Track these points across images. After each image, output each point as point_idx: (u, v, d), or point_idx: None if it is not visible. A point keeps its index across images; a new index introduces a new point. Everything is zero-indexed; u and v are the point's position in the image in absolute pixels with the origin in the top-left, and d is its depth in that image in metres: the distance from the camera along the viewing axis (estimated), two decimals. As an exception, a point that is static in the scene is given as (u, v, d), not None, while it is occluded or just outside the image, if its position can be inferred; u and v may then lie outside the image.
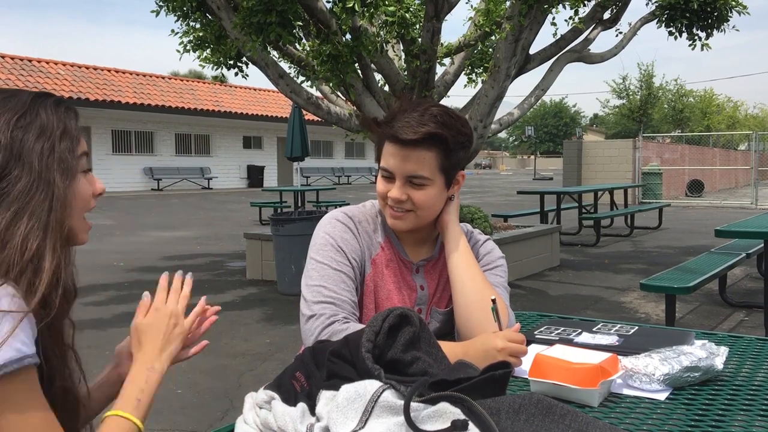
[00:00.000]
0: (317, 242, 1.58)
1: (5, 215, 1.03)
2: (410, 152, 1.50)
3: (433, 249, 1.67)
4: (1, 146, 1.04)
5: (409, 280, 1.63)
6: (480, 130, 6.40)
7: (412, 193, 1.54)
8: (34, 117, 1.09)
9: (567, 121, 65.57)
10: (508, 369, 1.04)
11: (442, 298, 1.67)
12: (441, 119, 1.51)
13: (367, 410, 0.88)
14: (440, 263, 1.67)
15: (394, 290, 1.61)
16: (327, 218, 1.63)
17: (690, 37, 7.88)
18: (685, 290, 4.52)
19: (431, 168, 1.52)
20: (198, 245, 10.68)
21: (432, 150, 1.51)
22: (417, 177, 1.52)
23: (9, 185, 1.04)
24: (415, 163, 1.51)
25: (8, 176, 1.05)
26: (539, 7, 5.82)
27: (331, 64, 6.11)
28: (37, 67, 22.57)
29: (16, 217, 1.04)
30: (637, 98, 36.61)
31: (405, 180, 1.53)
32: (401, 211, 1.56)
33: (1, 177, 1.04)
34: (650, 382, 1.29)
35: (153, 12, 7.09)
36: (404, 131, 1.49)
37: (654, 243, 10.76)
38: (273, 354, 4.74)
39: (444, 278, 1.67)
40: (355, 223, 1.62)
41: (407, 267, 1.64)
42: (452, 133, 1.52)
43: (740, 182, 28.46)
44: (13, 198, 1.04)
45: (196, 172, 27.57)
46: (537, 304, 6.12)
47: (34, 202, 1.06)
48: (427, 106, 1.53)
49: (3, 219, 1.03)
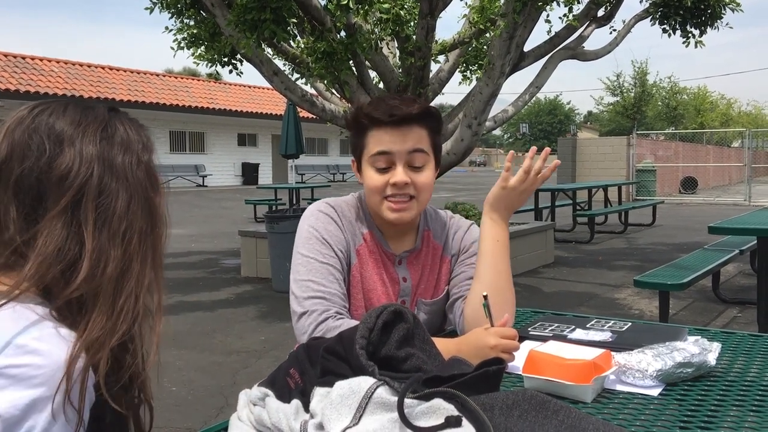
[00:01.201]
0: (302, 236, 1.58)
1: (117, 241, 0.94)
2: (408, 129, 1.53)
3: (414, 241, 1.67)
4: (93, 158, 0.97)
5: (392, 272, 1.63)
6: (474, 128, 6.40)
7: (414, 177, 1.55)
8: (114, 131, 1.02)
9: (561, 119, 65.61)
10: (501, 365, 1.04)
11: (427, 288, 1.67)
12: (419, 101, 1.58)
13: (360, 407, 0.88)
14: (422, 254, 1.67)
15: (377, 282, 1.61)
16: (310, 210, 1.62)
17: (684, 34, 7.90)
18: (678, 287, 4.54)
19: (428, 144, 1.56)
20: (193, 243, 10.66)
21: (424, 127, 1.55)
22: (419, 151, 1.54)
23: (110, 201, 0.96)
24: (415, 139, 1.54)
25: (106, 191, 0.96)
26: (533, 5, 5.82)
27: (326, 62, 6.10)
28: (31, 65, 22.45)
29: (126, 243, 0.95)
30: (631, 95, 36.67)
31: (405, 161, 1.54)
32: (405, 199, 1.55)
33: (100, 192, 0.96)
34: (643, 377, 1.30)
35: (147, 9, 7.06)
36: (403, 108, 1.52)
37: (648, 240, 10.79)
38: (267, 351, 4.73)
39: (427, 269, 1.67)
40: (338, 213, 1.61)
41: (390, 259, 1.64)
42: (435, 117, 1.59)
43: (733, 179, 28.55)
44: (118, 216, 0.96)
45: (191, 170, 27.49)
46: (531, 301, 6.13)
47: (137, 221, 0.98)
48: (401, 95, 1.62)
49: (114, 245, 0.94)
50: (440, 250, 1.70)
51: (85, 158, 0.96)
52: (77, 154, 0.96)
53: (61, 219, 0.93)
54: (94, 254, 0.92)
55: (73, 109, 1.02)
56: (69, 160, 0.95)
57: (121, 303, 0.93)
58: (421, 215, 1.70)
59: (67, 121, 0.99)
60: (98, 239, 0.93)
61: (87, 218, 0.93)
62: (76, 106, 1.03)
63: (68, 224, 0.93)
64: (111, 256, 0.94)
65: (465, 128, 6.41)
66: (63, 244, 0.92)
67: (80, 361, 0.86)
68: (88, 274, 0.91)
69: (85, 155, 0.96)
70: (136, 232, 0.97)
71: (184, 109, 25.63)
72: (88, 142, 0.98)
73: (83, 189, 0.95)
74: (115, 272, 0.93)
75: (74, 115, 1.00)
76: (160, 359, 1.05)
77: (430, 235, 1.70)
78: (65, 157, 0.95)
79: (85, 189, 0.95)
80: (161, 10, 6.97)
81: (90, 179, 0.95)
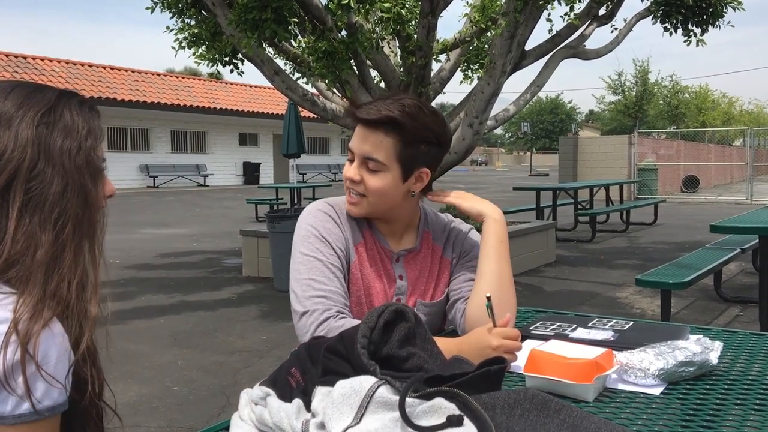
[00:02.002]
0: (301, 234, 1.58)
1: (48, 227, 0.94)
2: (370, 133, 1.52)
3: (414, 240, 1.68)
4: (28, 142, 0.96)
5: (389, 270, 1.64)
6: (476, 127, 6.40)
7: (366, 177, 1.54)
8: (59, 116, 1.01)
9: (563, 118, 65.53)
10: (503, 364, 1.04)
11: (427, 290, 1.67)
12: (408, 110, 1.50)
13: (362, 406, 0.88)
14: (421, 255, 1.67)
15: (375, 279, 1.61)
16: (308, 209, 1.63)
17: (685, 32, 7.89)
18: (680, 285, 4.53)
19: (387, 154, 1.52)
20: (194, 242, 10.66)
21: (390, 136, 1.51)
22: (371, 159, 1.53)
23: (43, 187, 0.96)
24: (371, 145, 1.52)
25: (39, 176, 0.96)
26: (535, 4, 5.81)
27: (327, 61, 6.10)
28: (32, 65, 22.48)
29: (59, 229, 0.95)
30: (632, 94, 36.68)
31: (361, 161, 1.54)
32: (356, 195, 1.57)
33: (31, 176, 0.95)
34: (645, 377, 1.29)
35: (148, 9, 7.06)
36: (366, 111, 1.51)
37: (649, 239, 10.78)
38: (269, 351, 4.74)
39: (426, 271, 1.67)
40: (336, 212, 1.62)
41: (387, 256, 1.64)
42: (415, 124, 1.51)
43: (735, 178, 28.52)
44: (51, 203, 0.95)
45: (192, 170, 27.51)
46: (532, 300, 6.12)
47: (71, 208, 0.97)
48: (402, 97, 1.54)
49: (46, 230, 0.94)
50: (440, 252, 1.70)
51: (19, 142, 0.96)
52: (12, 137, 0.95)
53: None
54: (19, 237, 0.92)
55: (20, 91, 1.01)
56: (3, 143, 0.95)
57: (53, 288, 0.94)
58: (421, 216, 1.70)
59: (10, 103, 0.98)
60: (27, 224, 0.93)
61: (14, 201, 0.93)
62: (24, 87, 1.02)
63: (1, 207, 0.94)
64: (41, 241, 0.94)
65: (466, 127, 6.41)
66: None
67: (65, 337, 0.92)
68: (10, 256, 0.92)
69: (20, 139, 0.96)
70: (70, 219, 0.97)
71: (185, 109, 25.65)
72: (26, 126, 0.97)
73: (15, 173, 0.94)
74: (45, 257, 0.93)
75: (18, 97, 1.00)
76: (108, 348, 1.08)
77: (430, 237, 1.70)
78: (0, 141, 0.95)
79: (17, 173, 0.94)
80: (162, 10, 6.97)
81: (22, 163, 0.95)
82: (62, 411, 0.94)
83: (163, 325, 5.49)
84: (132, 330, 5.27)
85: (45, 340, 0.90)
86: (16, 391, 0.88)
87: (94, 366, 1.04)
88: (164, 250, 9.81)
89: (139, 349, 4.79)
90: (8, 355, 0.88)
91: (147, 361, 4.53)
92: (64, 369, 0.93)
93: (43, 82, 1.08)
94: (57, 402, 0.92)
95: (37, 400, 0.89)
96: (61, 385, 0.92)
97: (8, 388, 0.87)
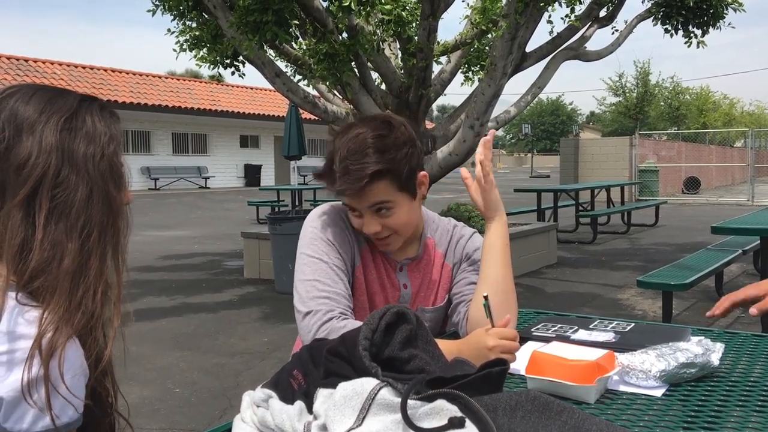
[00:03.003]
0: (307, 237, 1.58)
1: (74, 235, 0.92)
2: (363, 192, 1.49)
3: (417, 249, 1.68)
4: (52, 148, 0.94)
5: (393, 278, 1.64)
6: (477, 128, 6.40)
7: (385, 222, 1.53)
8: (81, 122, 0.99)
9: (564, 119, 65.55)
10: (504, 366, 1.04)
11: (427, 296, 1.67)
12: (375, 148, 1.46)
13: (364, 408, 0.88)
14: (423, 262, 1.68)
15: (378, 287, 1.62)
16: (315, 213, 1.63)
17: (686, 34, 7.89)
18: (681, 287, 4.53)
19: (389, 193, 1.51)
20: (195, 244, 10.66)
21: (381, 181, 1.48)
22: (380, 203, 1.51)
23: (68, 194, 0.93)
24: (372, 196, 1.50)
25: (64, 183, 0.93)
26: (535, 5, 5.82)
27: (328, 63, 6.10)
28: (33, 67, 22.51)
29: (85, 236, 0.93)
30: (633, 96, 36.64)
31: (372, 212, 1.53)
32: (384, 239, 1.57)
33: (56, 183, 0.93)
34: (647, 378, 1.29)
35: (149, 11, 7.07)
36: (345, 182, 1.46)
37: (651, 240, 10.77)
38: (271, 353, 4.74)
39: (428, 277, 1.67)
40: (342, 216, 1.62)
41: (391, 265, 1.64)
42: (391, 155, 1.47)
43: (736, 179, 28.50)
44: (77, 210, 0.93)
45: (193, 172, 27.52)
46: (534, 302, 6.12)
47: (97, 215, 0.95)
48: (357, 135, 1.47)
49: (72, 238, 0.92)
50: (442, 258, 1.70)
51: (43, 148, 0.93)
52: (36, 144, 0.93)
53: (20, 210, 0.91)
54: (46, 246, 0.90)
55: (41, 96, 0.98)
56: (27, 149, 0.93)
57: (79, 297, 0.92)
58: (424, 223, 1.70)
59: (32, 108, 0.96)
60: (53, 231, 0.91)
61: (40, 209, 0.91)
62: (45, 91, 0.99)
63: (27, 216, 0.91)
64: (68, 249, 0.92)
65: (467, 129, 6.41)
66: (24, 236, 0.90)
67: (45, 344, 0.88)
68: (38, 265, 0.89)
69: (44, 145, 0.93)
70: (95, 227, 0.95)
71: (186, 111, 25.66)
72: (49, 132, 0.94)
73: (41, 180, 0.92)
74: (72, 266, 0.92)
75: (40, 102, 0.97)
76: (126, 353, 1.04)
77: (433, 243, 1.70)
78: (23, 147, 0.93)
79: (42, 180, 0.92)
80: (163, 13, 6.99)
81: (47, 170, 0.93)
82: (77, 427, 0.93)
83: (164, 327, 5.49)
84: (134, 332, 5.28)
85: (67, 356, 0.89)
86: (38, 405, 0.86)
87: (111, 378, 1.03)
88: (166, 252, 9.82)
89: (141, 351, 4.79)
90: (33, 370, 0.86)
91: (149, 363, 4.53)
92: (81, 385, 0.92)
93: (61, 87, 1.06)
94: (72, 419, 0.91)
95: (56, 416, 0.88)
96: (79, 401, 0.91)
97: (30, 402, 0.86)
